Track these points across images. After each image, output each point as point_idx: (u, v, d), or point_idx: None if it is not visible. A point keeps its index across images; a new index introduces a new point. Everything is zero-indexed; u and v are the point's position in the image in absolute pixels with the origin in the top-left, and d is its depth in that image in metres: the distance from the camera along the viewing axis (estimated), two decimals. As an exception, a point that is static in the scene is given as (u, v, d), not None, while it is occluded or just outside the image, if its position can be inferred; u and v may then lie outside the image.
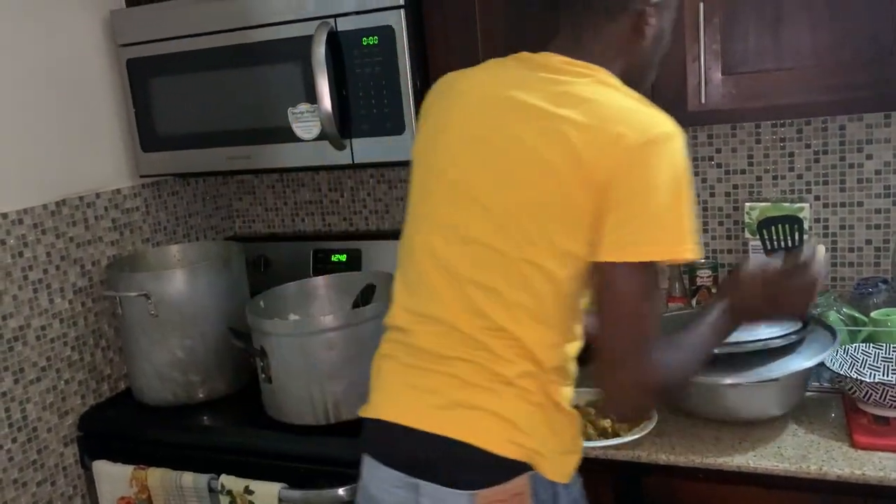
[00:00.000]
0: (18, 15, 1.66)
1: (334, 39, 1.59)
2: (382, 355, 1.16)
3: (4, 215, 1.62)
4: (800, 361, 1.33)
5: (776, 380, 1.31)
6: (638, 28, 1.10)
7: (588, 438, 1.35)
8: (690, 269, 1.82)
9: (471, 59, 1.58)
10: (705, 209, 1.86)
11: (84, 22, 1.81)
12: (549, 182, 1.00)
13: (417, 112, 1.58)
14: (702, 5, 1.43)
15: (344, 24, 1.59)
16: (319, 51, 1.56)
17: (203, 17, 1.72)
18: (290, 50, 1.65)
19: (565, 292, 1.04)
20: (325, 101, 1.57)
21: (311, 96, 1.62)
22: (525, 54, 1.12)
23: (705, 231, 1.87)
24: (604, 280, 1.01)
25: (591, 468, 1.37)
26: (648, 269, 0.99)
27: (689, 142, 1.79)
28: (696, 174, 1.84)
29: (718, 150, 1.82)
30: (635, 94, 1.05)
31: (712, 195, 1.84)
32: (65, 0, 1.76)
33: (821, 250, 1.56)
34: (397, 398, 1.11)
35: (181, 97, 1.81)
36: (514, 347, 1.04)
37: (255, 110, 1.73)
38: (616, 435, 1.35)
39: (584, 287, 1.05)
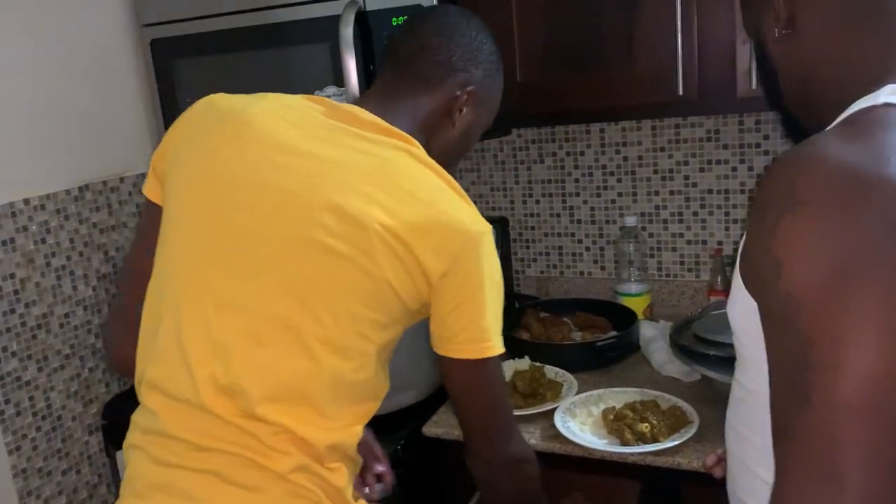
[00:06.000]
0: (39, -6, 1.61)
1: (363, 19, 1.52)
2: (129, 445, 0.97)
3: (26, 201, 1.59)
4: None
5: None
6: (450, 112, 1.03)
7: (626, 443, 1.29)
8: (734, 261, 1.73)
9: (506, 40, 1.51)
10: (751, 198, 1.77)
11: (106, 1, 1.76)
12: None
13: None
14: (755, -17, 1.33)
15: (373, 4, 1.52)
16: (347, 31, 1.49)
17: (229, -5, 1.66)
18: (318, 30, 1.58)
19: None
20: (353, 83, 1.50)
21: (339, 78, 1.55)
22: (327, 100, 0.99)
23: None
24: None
25: (629, 475, 1.32)
26: None
27: (737, 128, 1.74)
28: (743, 162, 1.75)
29: (766, 137, 1.73)
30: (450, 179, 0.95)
31: (759, 184, 1.75)
32: (87, -22, 1.71)
33: None
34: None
35: (206, 78, 1.76)
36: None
37: (281, 92, 1.67)
38: (655, 440, 1.29)
39: None
